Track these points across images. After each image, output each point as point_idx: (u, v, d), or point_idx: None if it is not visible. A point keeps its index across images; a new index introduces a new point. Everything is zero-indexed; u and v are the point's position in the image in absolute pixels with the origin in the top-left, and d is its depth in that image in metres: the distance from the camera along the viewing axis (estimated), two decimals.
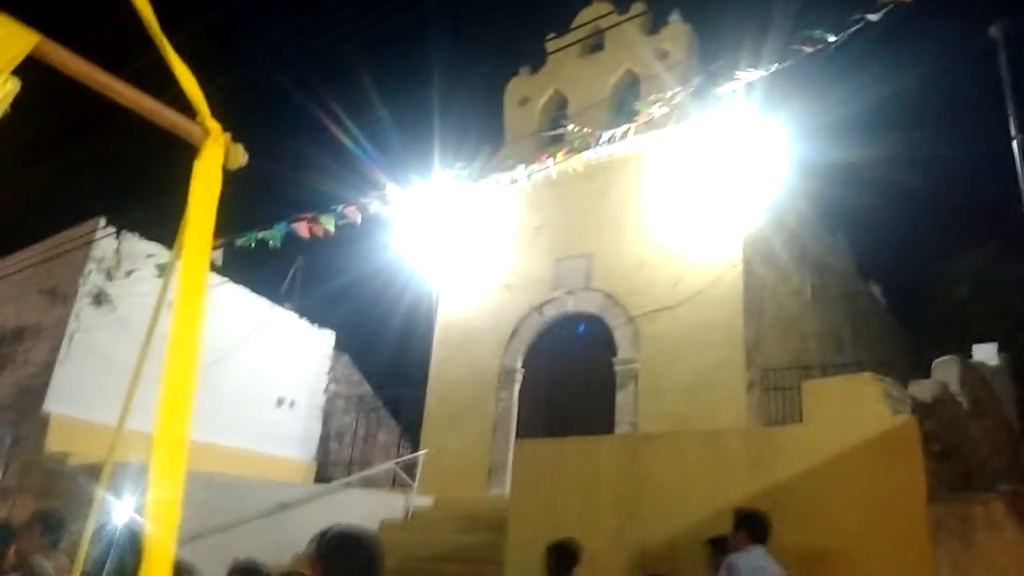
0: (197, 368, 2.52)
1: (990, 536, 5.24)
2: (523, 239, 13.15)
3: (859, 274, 14.77)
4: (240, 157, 1.44)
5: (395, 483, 12.78)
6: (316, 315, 14.99)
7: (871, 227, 15.78)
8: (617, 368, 11.54)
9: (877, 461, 5.63)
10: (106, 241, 11.43)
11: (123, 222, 11.58)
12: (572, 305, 12.32)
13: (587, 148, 8.60)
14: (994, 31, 6.91)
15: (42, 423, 10.41)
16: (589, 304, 12.10)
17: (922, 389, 6.17)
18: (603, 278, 12.00)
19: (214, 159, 1.39)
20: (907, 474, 5.53)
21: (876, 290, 15.10)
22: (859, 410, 5.92)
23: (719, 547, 5.35)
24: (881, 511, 5.50)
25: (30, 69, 1.13)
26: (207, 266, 2.37)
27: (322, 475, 13.88)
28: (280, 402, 13.93)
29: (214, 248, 2.64)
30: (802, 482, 5.86)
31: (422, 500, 11.64)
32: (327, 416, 14.90)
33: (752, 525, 5.08)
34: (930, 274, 16.65)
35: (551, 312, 12.56)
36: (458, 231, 13.58)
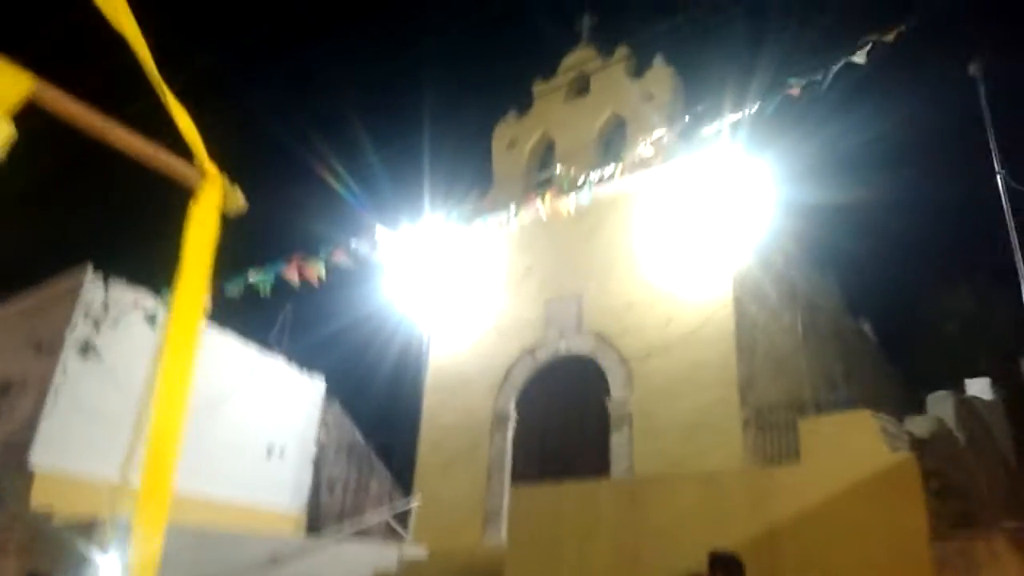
0: (184, 421, 2.46)
1: (994, 573, 5.17)
2: (513, 281, 13.14)
3: (849, 312, 14.82)
4: (239, 202, 1.42)
5: (388, 533, 12.56)
6: (306, 361, 14.88)
7: (860, 265, 15.91)
8: (611, 410, 11.44)
9: (877, 499, 5.56)
10: (94, 289, 11.34)
11: (111, 269, 11.51)
12: (564, 347, 12.27)
13: (575, 190, 8.65)
14: (973, 69, 7.04)
15: (27, 478, 10.20)
16: (581, 346, 12.05)
17: (918, 425, 6.14)
18: (594, 319, 11.97)
19: (211, 203, 1.37)
20: (908, 512, 5.46)
21: (867, 327, 15.13)
22: (856, 448, 5.87)
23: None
24: (883, 549, 5.42)
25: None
26: (200, 314, 2.34)
27: (313, 525, 13.62)
28: (270, 451, 13.71)
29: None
30: (802, 522, 5.77)
31: (415, 551, 11.42)
32: (318, 465, 14.67)
33: (727, 567, 5.10)
34: (920, 310, 16.74)
35: (543, 355, 12.49)
36: (448, 274, 13.58)
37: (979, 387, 8.81)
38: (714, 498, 6.52)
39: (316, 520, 14.01)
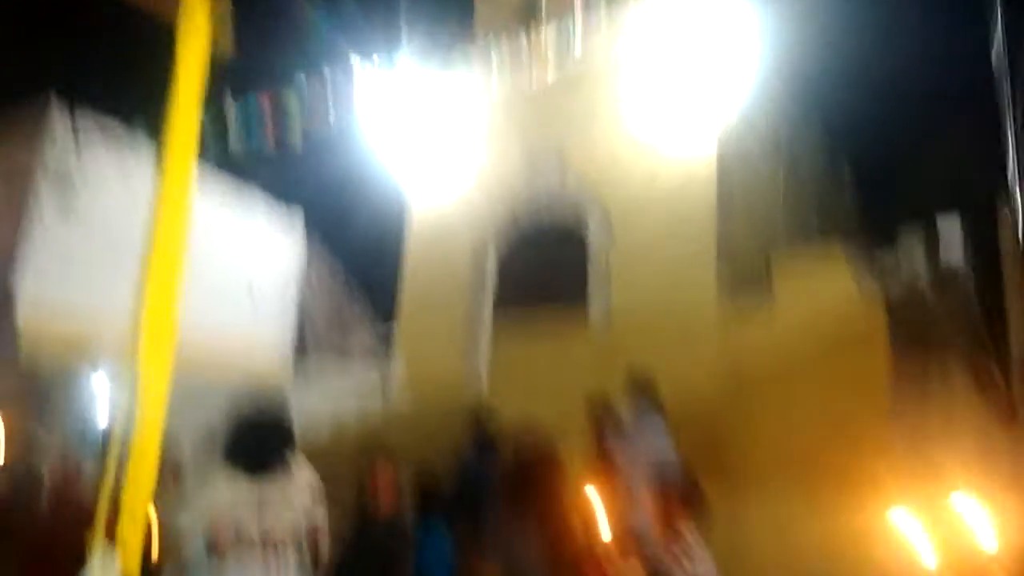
0: (183, 263, 2.46)
1: (945, 390, 5.47)
2: (495, 131, 12.85)
3: (831, 157, 14.72)
4: (227, 43, 1.33)
5: (372, 368, 12.96)
6: (283, 195, 14.73)
7: (844, 109, 15.63)
8: (591, 251, 11.56)
9: (845, 334, 5.79)
10: (61, 119, 10.91)
11: (80, 99, 11.04)
12: (546, 199, 12.21)
13: (561, 42, 8.26)
14: None
15: (12, 331, 10.19)
16: (563, 196, 12.00)
17: (887, 263, 6.28)
18: (577, 172, 11.85)
19: (199, 41, 1.28)
20: (872, 344, 5.70)
21: (846, 169, 15.12)
22: (827, 285, 6.03)
23: (596, 409, 5.67)
24: (846, 387, 5.69)
25: None
26: (193, 151, 2.27)
27: (299, 362, 14.00)
28: (252, 285, 13.78)
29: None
30: (769, 356, 6.03)
31: (399, 386, 11.84)
32: (300, 302, 14.86)
33: (641, 389, 5.58)
34: (901, 153, 16.70)
35: (524, 206, 12.44)
36: (426, 113, 13.23)
37: (950, 224, 8.93)
38: (687, 342, 6.73)
39: (301, 355, 14.38)
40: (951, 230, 9.05)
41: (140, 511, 2.39)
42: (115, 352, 7.47)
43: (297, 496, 3.08)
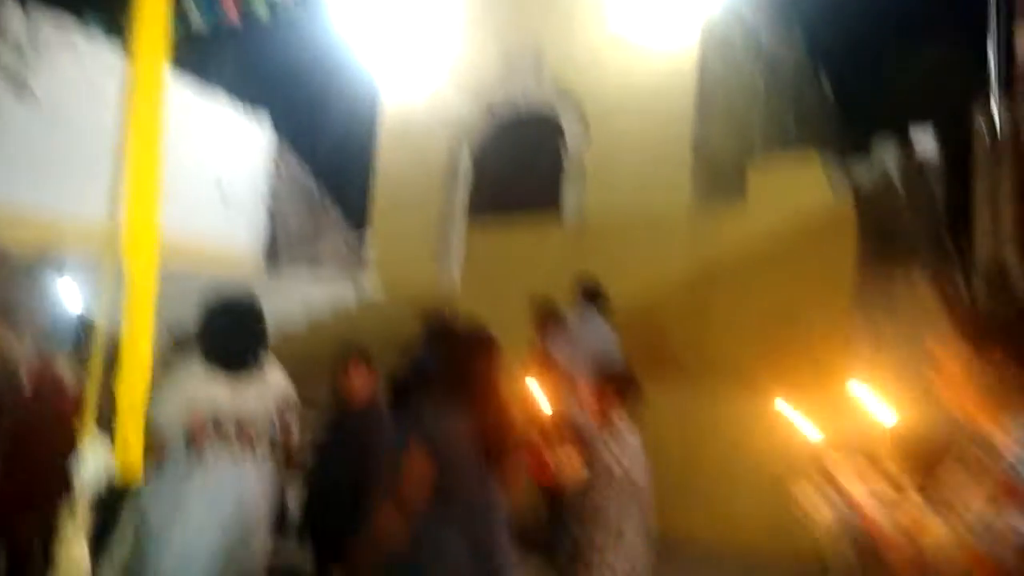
0: (162, 157, 2.39)
1: (910, 305, 5.61)
2: (471, 29, 12.45)
3: (810, 62, 14.55)
4: None
5: (344, 270, 12.94)
6: (250, 99, 14.31)
7: (826, 16, 15.33)
8: (566, 161, 11.46)
9: (814, 238, 5.85)
10: (11, 15, 10.43)
11: None
12: (522, 95, 11.97)
13: None
14: None
15: None
16: (539, 94, 11.77)
17: (862, 169, 6.31)
18: (554, 69, 11.58)
19: None
20: (840, 250, 5.78)
21: (824, 76, 14.99)
22: (801, 190, 6.06)
23: (540, 309, 5.90)
24: (810, 287, 5.80)
25: None
26: (164, 47, 2.18)
27: (271, 266, 13.92)
28: (221, 190, 13.55)
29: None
30: (741, 260, 6.09)
31: (373, 289, 11.87)
32: (271, 207, 14.67)
33: (587, 291, 5.82)
34: (879, 62, 16.54)
35: (500, 105, 12.20)
36: (399, 10, 12.78)
37: (923, 133, 8.96)
38: (660, 241, 6.77)
39: (273, 260, 14.30)
40: (924, 137, 9.09)
41: (137, 403, 2.41)
42: (85, 247, 7.39)
43: (270, 393, 3.09)
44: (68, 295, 4.63)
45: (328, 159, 15.56)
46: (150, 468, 2.77)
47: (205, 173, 13.21)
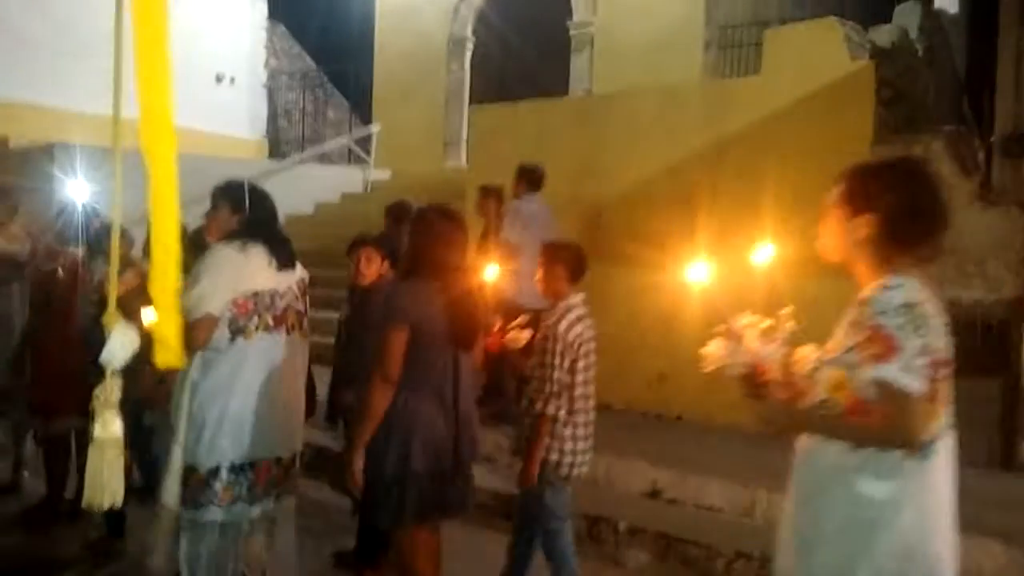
0: (168, 41, 2.31)
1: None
2: None
3: None
4: None
5: (350, 159, 12.81)
6: None
7: None
8: (572, 32, 11.08)
9: (830, 107, 5.69)
10: None
11: None
12: None
13: None
14: None
15: None
16: None
17: (882, 35, 6.06)
18: None
19: None
20: (857, 119, 5.63)
21: None
22: (818, 57, 5.84)
23: (487, 194, 6.14)
24: (824, 156, 5.67)
25: None
26: None
27: (274, 153, 13.77)
28: (219, 78, 13.26)
29: None
30: (754, 131, 5.95)
31: (379, 174, 11.78)
32: (271, 93, 14.36)
33: (530, 176, 5.98)
34: None
35: None
36: None
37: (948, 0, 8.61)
38: (670, 112, 6.61)
39: (276, 147, 14.13)
40: (947, 1, 8.71)
41: (169, 294, 2.48)
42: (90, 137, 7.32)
43: (295, 274, 3.17)
44: (79, 189, 4.59)
45: (327, 40, 15.10)
46: (200, 347, 2.87)
47: (204, 58, 12.87)
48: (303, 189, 10.64)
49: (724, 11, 10.05)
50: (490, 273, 3.06)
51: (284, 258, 3.05)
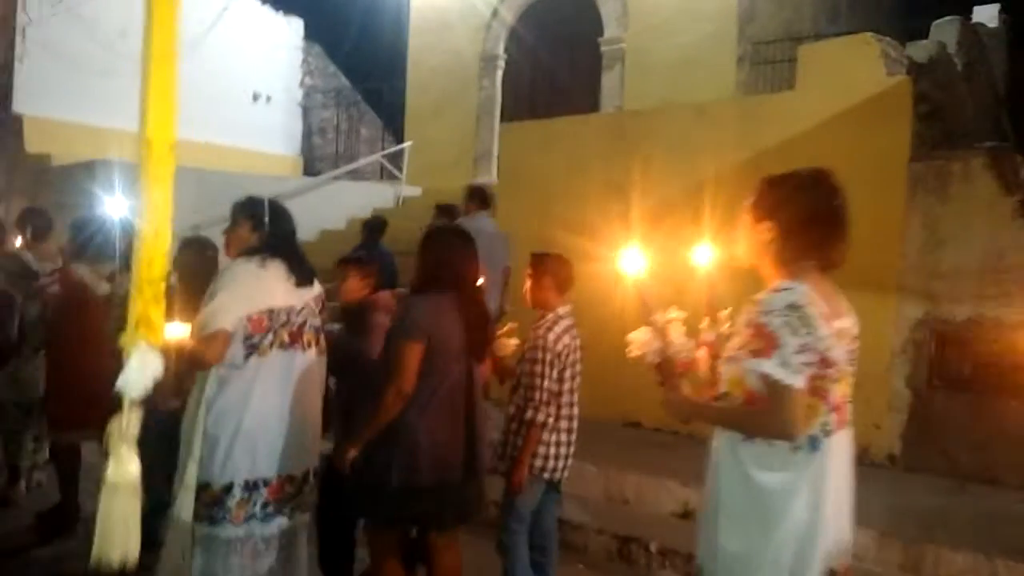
0: (176, 62, 2.32)
1: (965, 190, 5.42)
2: None
3: None
4: None
5: (382, 175, 12.93)
6: (281, 3, 14.02)
7: None
8: (603, 49, 11.10)
9: (867, 122, 5.62)
10: None
11: None
12: None
13: None
14: None
15: (16, 125, 10.16)
16: None
17: (919, 50, 5.98)
18: None
19: None
20: (894, 135, 5.56)
21: None
22: (854, 72, 5.78)
23: (444, 212, 6.73)
24: (862, 170, 5.60)
25: None
26: None
27: (309, 170, 13.95)
28: (256, 97, 13.51)
29: None
30: (789, 148, 5.89)
31: (411, 190, 11.87)
32: (307, 111, 14.58)
33: (480, 195, 6.44)
34: None
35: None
36: None
37: (987, 14, 8.46)
38: (703, 128, 6.58)
39: (311, 164, 14.32)
40: (987, 14, 8.57)
41: (154, 306, 2.28)
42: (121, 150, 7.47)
43: (313, 290, 3.19)
44: (113, 204, 4.68)
45: (362, 59, 15.30)
46: (213, 362, 2.89)
47: (241, 78, 13.13)
48: (336, 205, 10.76)
49: (757, 27, 10.00)
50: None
51: (303, 275, 3.07)
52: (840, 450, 1.98)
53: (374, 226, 7.47)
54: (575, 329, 3.42)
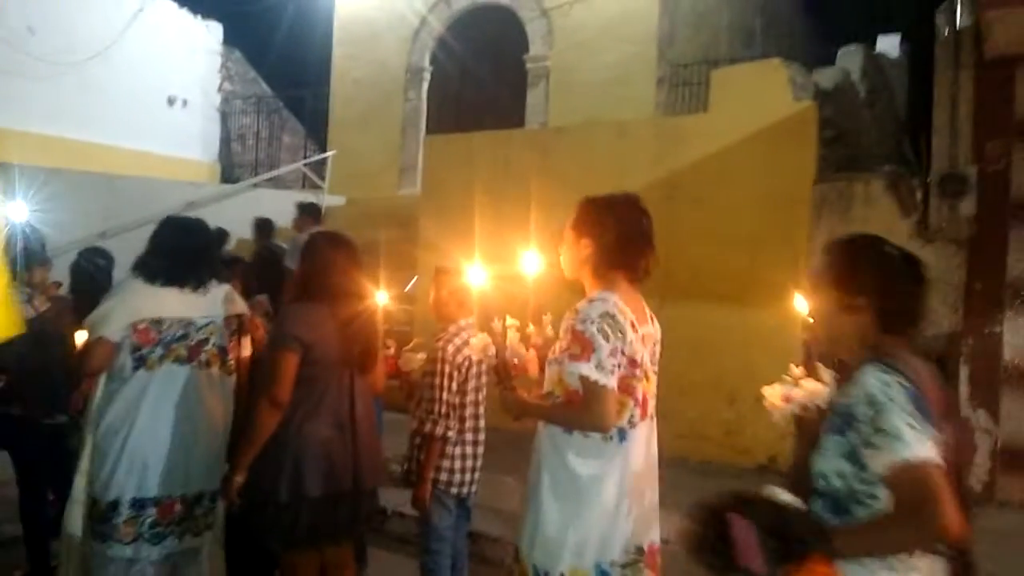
0: None
1: (867, 211, 5.69)
2: None
3: None
4: None
5: (305, 184, 12.72)
6: (200, 6, 13.67)
7: None
8: (529, 66, 11.23)
9: (774, 146, 5.86)
10: None
11: None
12: (482, 5, 11.60)
13: None
14: None
15: None
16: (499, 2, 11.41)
17: (825, 77, 6.28)
18: None
19: None
20: (800, 157, 5.81)
21: None
22: (763, 97, 6.02)
23: (259, 227, 7.64)
24: (770, 191, 5.84)
25: None
26: None
27: (227, 177, 13.60)
28: (172, 101, 13.10)
29: None
30: (703, 168, 6.10)
31: (334, 199, 11.70)
32: (225, 117, 14.22)
33: (314, 212, 7.57)
34: None
35: (459, 5, 11.82)
36: None
37: (890, 43, 8.92)
38: (623, 148, 6.73)
39: (229, 170, 13.96)
40: (889, 44, 9.05)
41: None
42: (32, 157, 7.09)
43: (218, 306, 3.12)
44: (16, 208, 4.47)
45: (284, 67, 15.06)
46: (94, 370, 2.84)
47: (157, 80, 12.73)
48: (256, 213, 10.51)
49: (676, 50, 10.30)
50: (381, 298, 3.08)
51: (193, 280, 3.01)
52: (643, 439, 2.21)
53: (261, 225, 7.87)
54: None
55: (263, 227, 7.91)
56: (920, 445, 1.50)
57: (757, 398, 2.26)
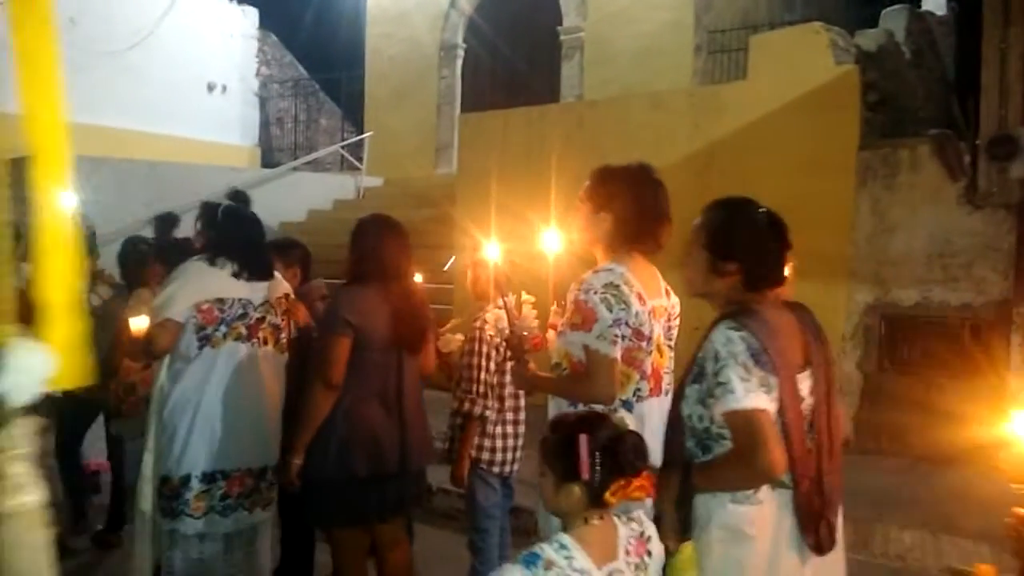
0: (56, 34, 2.13)
1: (913, 177, 5.55)
2: None
3: None
4: None
5: (343, 166, 12.82)
6: None
7: None
8: (563, 38, 11.11)
9: (816, 111, 5.73)
10: None
11: None
12: None
13: None
14: None
15: None
16: None
17: (868, 39, 6.09)
18: None
19: None
20: (843, 123, 5.67)
21: None
22: (804, 62, 5.88)
23: (161, 221, 6.11)
24: (813, 158, 5.72)
25: None
26: None
27: (267, 161, 13.77)
28: (211, 87, 13.27)
29: None
30: (742, 137, 5.99)
31: (372, 181, 11.79)
32: (263, 101, 14.36)
33: (241, 199, 6.52)
34: None
35: None
36: None
37: (936, 2, 8.61)
38: (660, 118, 6.64)
39: (269, 154, 14.13)
40: (934, 3, 8.73)
41: (64, 304, 1.98)
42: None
43: (271, 287, 3.20)
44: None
45: (319, 49, 15.12)
46: (162, 351, 2.94)
47: (196, 67, 12.90)
48: (296, 196, 10.65)
49: (713, 16, 10.09)
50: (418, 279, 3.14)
51: (254, 269, 3.09)
52: (654, 414, 2.19)
53: (164, 219, 6.44)
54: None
55: (165, 221, 7.09)
56: (748, 395, 1.73)
57: None
